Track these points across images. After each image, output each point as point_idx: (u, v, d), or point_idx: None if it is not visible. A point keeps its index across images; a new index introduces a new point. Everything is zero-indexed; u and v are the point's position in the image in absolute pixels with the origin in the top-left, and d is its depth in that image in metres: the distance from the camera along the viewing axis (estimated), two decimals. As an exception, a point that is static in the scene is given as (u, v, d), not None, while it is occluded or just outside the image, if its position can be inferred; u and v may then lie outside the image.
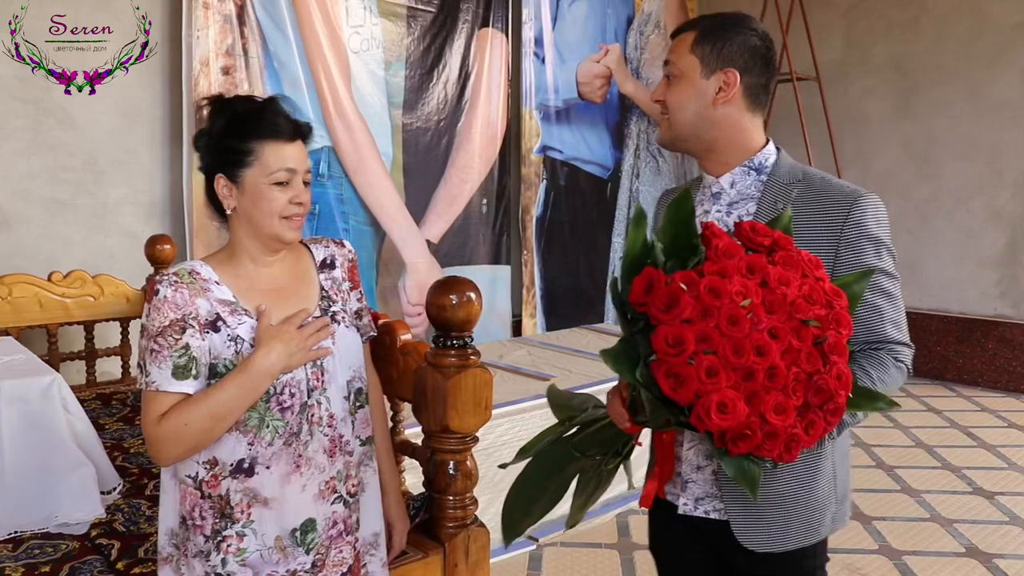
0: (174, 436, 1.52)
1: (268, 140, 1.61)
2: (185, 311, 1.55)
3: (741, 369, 1.19)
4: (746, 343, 1.19)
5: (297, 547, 1.61)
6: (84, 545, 2.13)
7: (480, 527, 2.12)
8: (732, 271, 1.24)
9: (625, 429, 1.52)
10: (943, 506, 4.03)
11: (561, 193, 6.45)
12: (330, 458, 1.66)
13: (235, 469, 1.58)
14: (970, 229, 6.30)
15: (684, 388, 1.20)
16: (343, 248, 1.82)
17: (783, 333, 1.22)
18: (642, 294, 1.27)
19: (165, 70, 4.45)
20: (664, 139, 1.69)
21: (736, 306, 1.21)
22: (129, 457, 2.73)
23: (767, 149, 1.65)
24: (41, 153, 4.08)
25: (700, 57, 1.59)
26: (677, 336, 1.21)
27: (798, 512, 1.61)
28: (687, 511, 1.67)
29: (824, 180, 1.61)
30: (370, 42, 5.23)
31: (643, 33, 6.98)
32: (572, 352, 4.84)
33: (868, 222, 1.55)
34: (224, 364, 1.57)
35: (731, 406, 1.19)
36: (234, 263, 1.66)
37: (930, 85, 6.45)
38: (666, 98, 1.63)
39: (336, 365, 1.69)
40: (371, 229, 5.29)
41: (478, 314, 1.96)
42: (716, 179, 1.67)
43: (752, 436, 1.21)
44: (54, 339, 3.54)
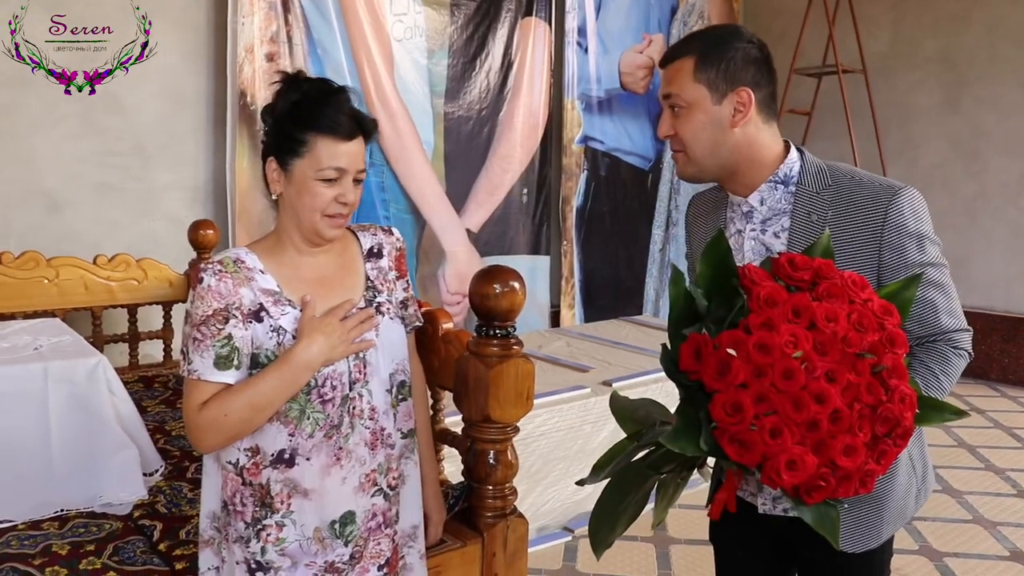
0: (214, 425, 1.53)
1: (324, 134, 1.56)
2: (229, 301, 1.54)
3: (804, 423, 1.16)
4: (804, 395, 1.15)
5: (336, 539, 1.61)
6: (127, 525, 2.16)
7: (519, 517, 2.11)
8: (778, 320, 1.20)
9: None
10: (986, 508, 3.96)
11: (602, 184, 6.42)
12: (371, 451, 1.65)
13: (276, 459, 1.57)
14: (1018, 226, 6.16)
15: (750, 453, 1.18)
16: (391, 236, 1.80)
17: (840, 373, 1.17)
18: (692, 362, 1.24)
19: (210, 56, 4.48)
20: (686, 174, 1.61)
21: (788, 359, 1.16)
22: (171, 439, 2.75)
23: (790, 158, 1.60)
24: (90, 137, 4.13)
25: (707, 83, 1.53)
26: (735, 403, 1.18)
27: (888, 504, 1.60)
28: (766, 510, 1.65)
29: (853, 180, 1.56)
30: (413, 30, 5.23)
31: (687, 23, 6.91)
32: (611, 343, 4.82)
33: (907, 221, 1.51)
34: (266, 355, 1.57)
35: (800, 462, 1.15)
36: (279, 251, 1.65)
37: (979, 79, 6.31)
38: (678, 132, 1.57)
39: (379, 358, 1.67)
40: (411, 217, 5.30)
41: (521, 303, 1.94)
42: (744, 199, 1.62)
43: (827, 484, 1.18)
44: (98, 321, 3.59)
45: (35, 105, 3.96)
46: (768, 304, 1.22)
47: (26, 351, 2.40)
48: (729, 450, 1.19)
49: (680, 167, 1.62)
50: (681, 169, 1.62)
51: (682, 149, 1.58)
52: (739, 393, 1.18)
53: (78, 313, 3.57)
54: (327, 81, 1.66)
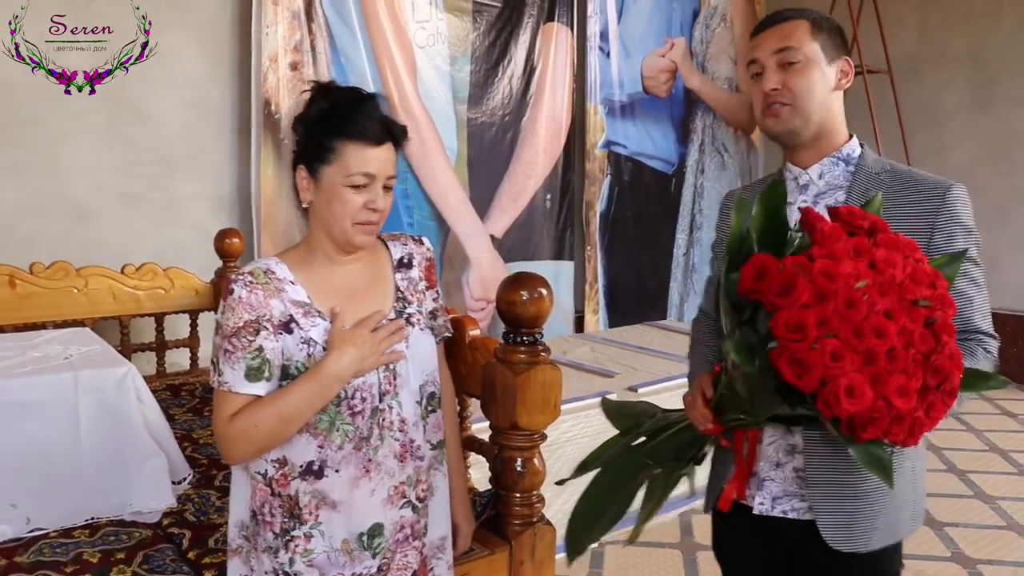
0: (244, 436, 1.52)
1: (353, 140, 1.56)
2: (260, 312, 1.54)
3: (863, 352, 1.17)
4: (865, 325, 1.17)
5: (364, 551, 1.60)
6: (157, 533, 2.17)
7: (547, 525, 2.10)
8: (841, 254, 1.22)
9: (706, 431, 1.50)
10: (1020, 514, 3.91)
11: (625, 188, 6.40)
12: (400, 463, 1.63)
13: (304, 471, 1.57)
14: (1049, 228, 6.10)
15: (809, 374, 1.18)
16: (421, 246, 1.79)
17: (898, 314, 1.20)
18: (752, 281, 1.25)
19: (235, 65, 4.51)
20: (786, 127, 1.61)
21: (851, 288, 1.19)
22: (199, 448, 2.77)
23: (853, 142, 1.67)
24: (116, 148, 4.16)
25: (822, 44, 1.60)
26: (798, 321, 1.18)
27: (882, 511, 1.58)
28: (763, 511, 1.64)
29: (911, 171, 1.63)
30: (435, 37, 5.24)
31: (709, 27, 6.89)
32: (635, 349, 4.80)
33: (960, 211, 1.56)
34: (296, 366, 1.56)
35: (858, 390, 1.16)
36: (310, 260, 1.64)
37: (1010, 78, 6.24)
38: (791, 85, 1.59)
39: (409, 370, 1.66)
40: (435, 223, 5.31)
41: (548, 310, 1.94)
42: (804, 170, 1.66)
43: (880, 420, 1.19)
44: (126, 330, 3.62)
45: (62, 116, 3.99)
46: (832, 239, 1.25)
47: (56, 360, 2.43)
48: (787, 371, 1.20)
49: (781, 120, 1.61)
50: (783, 121, 1.61)
51: (790, 102, 1.60)
52: (802, 312, 1.19)
53: (106, 322, 3.60)
54: (357, 89, 1.65)
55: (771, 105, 1.61)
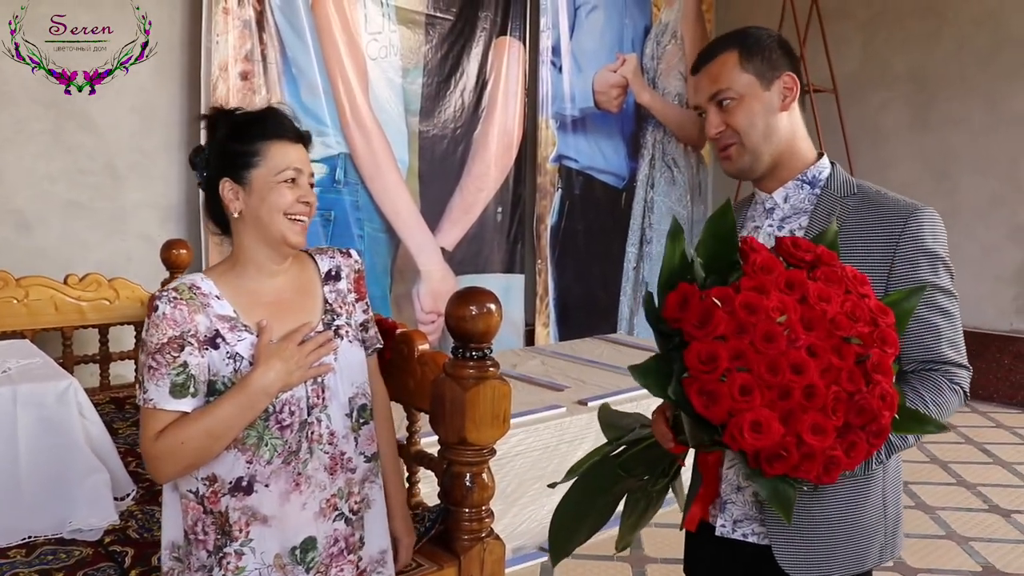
0: (171, 454, 1.51)
1: (273, 140, 1.61)
2: (184, 328, 1.53)
3: (776, 387, 1.16)
4: (782, 360, 1.16)
5: (297, 565, 1.59)
6: (98, 552, 2.12)
7: (496, 539, 2.10)
8: (770, 287, 1.21)
9: (669, 449, 1.49)
10: (958, 523, 3.99)
11: (576, 202, 6.44)
12: (331, 475, 1.63)
13: (234, 487, 1.56)
14: (988, 244, 6.24)
15: (717, 406, 1.18)
16: (349, 259, 1.79)
17: (822, 351, 1.18)
18: (676, 310, 1.25)
19: (183, 74, 4.46)
20: (737, 167, 1.60)
21: (772, 322, 1.18)
22: (143, 463, 2.71)
23: (822, 163, 1.63)
24: (61, 156, 4.09)
25: (754, 71, 1.56)
26: (710, 353, 1.18)
27: (845, 539, 1.56)
28: (724, 533, 1.63)
29: (880, 193, 1.57)
30: (388, 49, 5.24)
31: (660, 43, 6.97)
32: (585, 362, 4.82)
33: (925, 236, 1.52)
34: (223, 381, 1.55)
35: (765, 425, 1.16)
36: (237, 274, 1.65)
37: (948, 98, 6.40)
38: (731, 124, 1.56)
39: (338, 382, 1.66)
40: (386, 236, 5.29)
41: (497, 325, 1.94)
42: (769, 195, 1.64)
43: (788, 457, 1.17)
44: (69, 342, 3.55)
45: (5, 123, 3.92)
46: (763, 270, 1.24)
47: (-6, 374, 2.37)
48: (696, 401, 1.19)
49: (733, 161, 1.59)
50: (734, 161, 1.59)
51: (735, 141, 1.57)
52: (716, 345, 1.18)
53: (48, 334, 3.52)
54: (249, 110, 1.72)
55: (722, 148, 1.60)
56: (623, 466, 1.62)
